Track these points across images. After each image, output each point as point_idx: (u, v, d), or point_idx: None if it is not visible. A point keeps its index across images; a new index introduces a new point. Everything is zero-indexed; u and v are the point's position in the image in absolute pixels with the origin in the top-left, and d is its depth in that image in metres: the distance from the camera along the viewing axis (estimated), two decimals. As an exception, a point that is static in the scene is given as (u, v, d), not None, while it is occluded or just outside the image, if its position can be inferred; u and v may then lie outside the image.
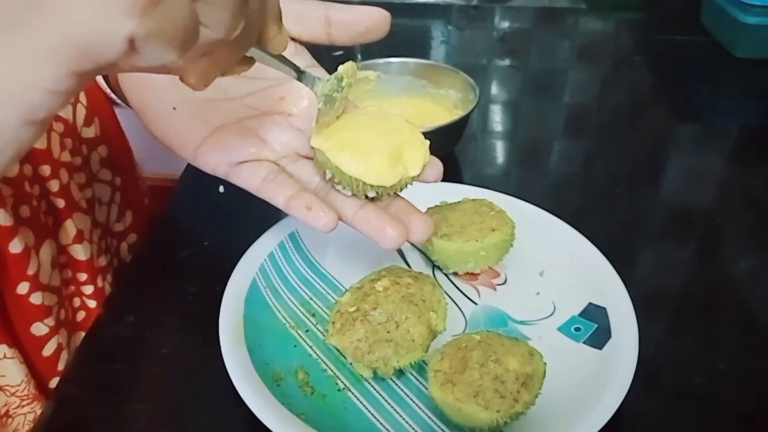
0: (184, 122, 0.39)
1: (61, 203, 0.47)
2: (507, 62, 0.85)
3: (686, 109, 0.76)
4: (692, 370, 0.43)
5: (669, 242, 0.55)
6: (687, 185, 0.62)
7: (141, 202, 0.60)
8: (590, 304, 0.43)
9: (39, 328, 0.44)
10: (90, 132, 0.52)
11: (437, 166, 0.39)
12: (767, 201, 0.59)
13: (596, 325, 0.42)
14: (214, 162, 0.39)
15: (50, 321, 0.45)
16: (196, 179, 0.59)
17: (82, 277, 0.49)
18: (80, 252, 0.48)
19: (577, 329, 0.42)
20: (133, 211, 0.57)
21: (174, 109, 0.40)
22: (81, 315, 0.50)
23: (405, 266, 0.46)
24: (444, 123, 0.58)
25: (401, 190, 0.39)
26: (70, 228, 0.48)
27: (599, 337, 0.41)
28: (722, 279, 0.50)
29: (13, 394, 0.44)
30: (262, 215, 0.52)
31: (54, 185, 0.46)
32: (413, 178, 0.39)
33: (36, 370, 0.45)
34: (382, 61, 0.66)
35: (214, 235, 0.52)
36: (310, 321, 0.44)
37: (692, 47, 0.88)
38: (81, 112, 0.51)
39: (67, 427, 0.39)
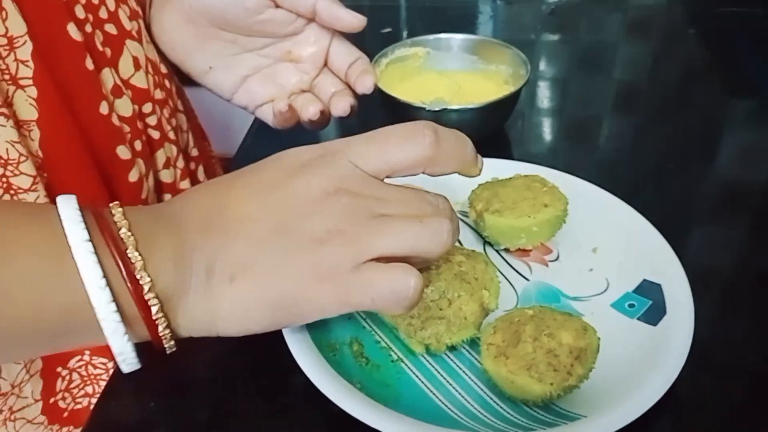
0: (218, 77, 0.52)
1: (156, 135, 0.54)
2: (557, 37, 0.84)
3: (741, 83, 0.74)
4: (746, 348, 0.42)
5: (723, 220, 0.54)
6: (741, 162, 0.60)
7: (201, 129, 0.67)
8: (645, 280, 0.43)
9: None
10: (164, 68, 0.56)
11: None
12: (827, 178, 0.57)
13: (651, 302, 0.42)
14: (244, 104, 0.53)
15: None
16: (250, 158, 0.59)
17: (167, 198, 0.55)
18: (167, 176, 0.55)
19: (631, 306, 0.42)
20: (195, 137, 0.63)
21: (210, 68, 0.52)
22: None
23: (456, 243, 0.47)
24: (495, 99, 0.57)
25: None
26: (161, 156, 0.55)
27: (654, 313, 0.41)
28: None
29: None
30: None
31: (152, 120, 0.53)
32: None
33: None
34: (431, 37, 0.66)
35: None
36: (363, 294, 0.45)
37: (748, 19, 0.85)
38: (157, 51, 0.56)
39: (133, 391, 0.41)
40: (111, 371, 0.49)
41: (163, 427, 0.39)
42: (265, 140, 0.63)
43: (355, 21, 0.48)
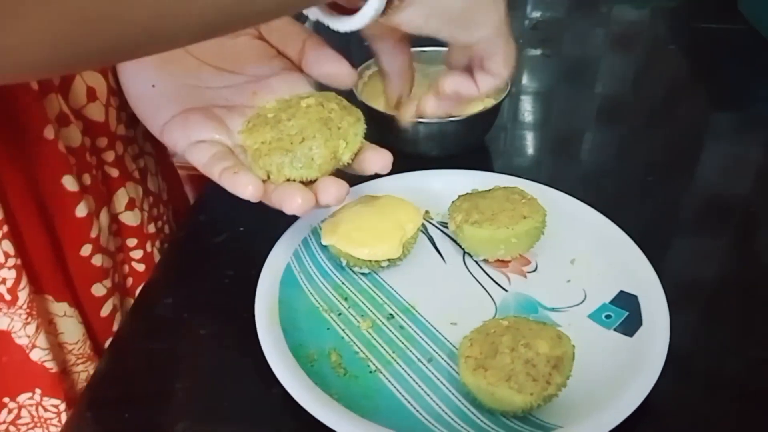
0: (158, 100, 0.41)
1: (115, 173, 0.50)
2: (539, 51, 0.85)
3: (722, 98, 0.75)
4: (724, 358, 0.42)
5: (703, 232, 0.54)
6: (722, 175, 0.61)
7: (176, 174, 0.63)
8: (621, 291, 0.44)
9: (98, 289, 0.47)
10: None
11: (383, 155, 0.40)
12: (805, 191, 0.58)
13: (627, 313, 0.42)
14: (176, 138, 0.40)
15: (107, 283, 0.48)
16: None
17: (132, 242, 0.52)
18: (131, 218, 0.51)
19: (608, 317, 0.43)
20: (168, 182, 0.60)
21: (153, 86, 0.41)
22: (130, 281, 0.53)
23: (344, 102, 0.42)
24: (475, 112, 0.58)
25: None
26: (122, 196, 0.51)
27: (630, 324, 0.41)
28: (757, 269, 0.50)
29: (70, 352, 0.46)
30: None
31: (109, 156, 0.49)
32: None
33: (93, 330, 0.48)
34: (415, 50, 0.66)
35: (249, 221, 0.53)
36: (343, 305, 0.45)
37: (729, 35, 0.86)
38: None
39: (110, 401, 0.41)
40: (62, 414, 0.46)
41: (139, 438, 0.39)
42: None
43: (348, 79, 0.41)
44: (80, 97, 0.46)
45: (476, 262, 0.48)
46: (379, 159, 0.39)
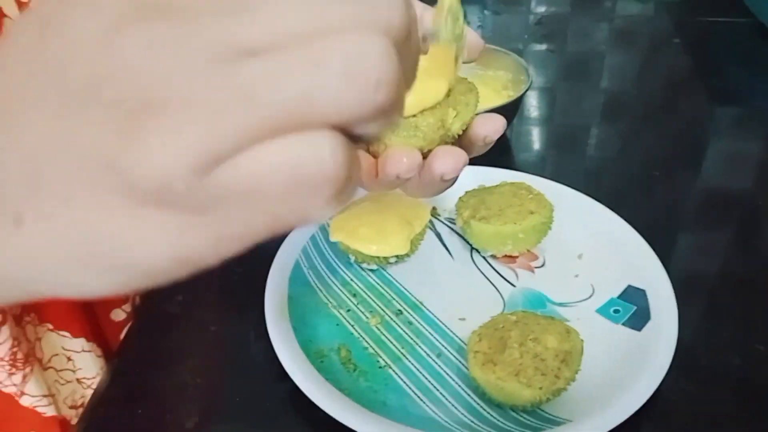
0: None
1: None
2: (544, 46, 0.85)
3: (726, 92, 0.75)
4: (730, 352, 0.43)
5: (707, 226, 0.54)
6: (726, 169, 0.61)
7: None
8: (629, 286, 0.44)
9: (117, 314, 0.47)
10: None
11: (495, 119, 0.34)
12: (810, 185, 0.58)
13: (635, 307, 0.42)
14: None
15: (127, 307, 0.47)
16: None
17: None
18: None
19: (616, 311, 0.43)
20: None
21: None
22: None
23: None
24: (497, 105, 0.57)
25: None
26: None
27: (638, 319, 0.41)
28: (761, 263, 0.50)
29: (89, 387, 0.46)
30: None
31: None
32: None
33: (111, 356, 0.47)
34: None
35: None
36: (351, 301, 0.45)
37: (733, 29, 0.86)
38: None
39: (122, 397, 0.41)
40: None
41: (151, 434, 0.39)
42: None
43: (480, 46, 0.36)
44: None
45: (484, 257, 0.48)
46: (490, 122, 0.34)
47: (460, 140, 0.34)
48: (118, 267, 0.18)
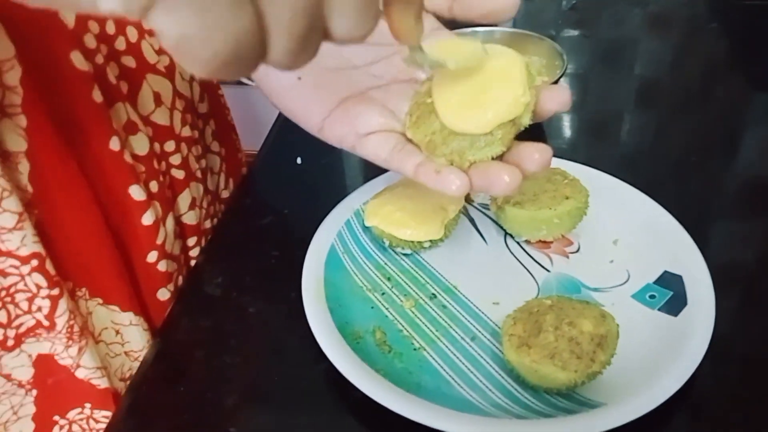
0: (308, 93, 0.38)
1: (180, 174, 0.50)
2: (577, 32, 0.84)
3: (765, 78, 0.73)
4: (765, 341, 0.42)
5: (745, 214, 0.54)
6: (764, 156, 0.60)
7: (240, 172, 0.64)
8: (666, 272, 0.44)
9: (163, 293, 0.48)
10: (203, 108, 0.55)
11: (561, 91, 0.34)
12: None
13: (672, 293, 0.42)
14: (341, 134, 0.37)
15: (171, 287, 0.49)
16: (276, 151, 0.61)
17: (192, 241, 0.52)
18: (192, 218, 0.52)
19: (652, 296, 0.43)
20: (234, 179, 0.61)
21: (299, 79, 0.38)
22: None
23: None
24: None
25: None
26: (186, 197, 0.51)
27: (675, 304, 0.41)
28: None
29: (135, 359, 0.47)
30: (337, 185, 0.54)
31: (175, 159, 0.49)
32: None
33: (157, 332, 0.48)
34: (468, 30, 0.67)
35: (293, 203, 0.54)
36: (386, 284, 0.46)
37: (771, 12, 0.84)
38: (196, 89, 0.54)
39: (164, 376, 0.42)
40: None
41: (192, 410, 0.40)
42: (290, 135, 0.64)
43: (513, 8, 0.33)
44: (148, 103, 0.46)
45: (518, 243, 0.48)
46: (557, 95, 0.34)
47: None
48: None
